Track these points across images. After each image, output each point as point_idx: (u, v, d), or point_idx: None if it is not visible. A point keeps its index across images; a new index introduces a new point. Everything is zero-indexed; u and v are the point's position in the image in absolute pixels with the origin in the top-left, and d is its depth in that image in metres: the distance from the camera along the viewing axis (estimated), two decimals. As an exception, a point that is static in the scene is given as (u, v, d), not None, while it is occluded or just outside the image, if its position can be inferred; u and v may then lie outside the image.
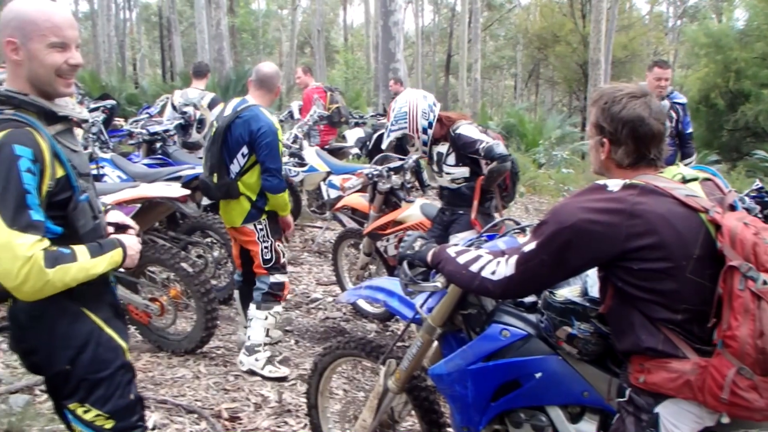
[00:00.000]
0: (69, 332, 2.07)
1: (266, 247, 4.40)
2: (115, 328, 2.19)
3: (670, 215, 1.84)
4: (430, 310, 2.55)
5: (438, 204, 4.88)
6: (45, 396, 3.84)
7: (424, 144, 4.55)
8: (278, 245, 4.44)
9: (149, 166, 6.09)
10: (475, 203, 4.42)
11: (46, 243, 1.88)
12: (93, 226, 2.12)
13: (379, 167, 5.28)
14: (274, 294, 4.45)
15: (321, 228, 8.16)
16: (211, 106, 7.25)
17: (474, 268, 2.11)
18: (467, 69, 25.82)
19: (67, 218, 2.02)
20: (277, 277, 4.45)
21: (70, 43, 2.01)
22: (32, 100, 1.97)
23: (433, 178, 5.25)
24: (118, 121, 8.67)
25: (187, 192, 4.67)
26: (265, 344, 4.49)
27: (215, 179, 4.33)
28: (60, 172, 1.97)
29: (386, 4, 13.08)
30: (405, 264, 2.42)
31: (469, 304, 2.45)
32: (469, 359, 2.37)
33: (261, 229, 4.38)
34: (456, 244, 2.44)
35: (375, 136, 10.78)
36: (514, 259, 2.02)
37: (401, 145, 11.01)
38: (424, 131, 4.49)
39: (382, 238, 5.22)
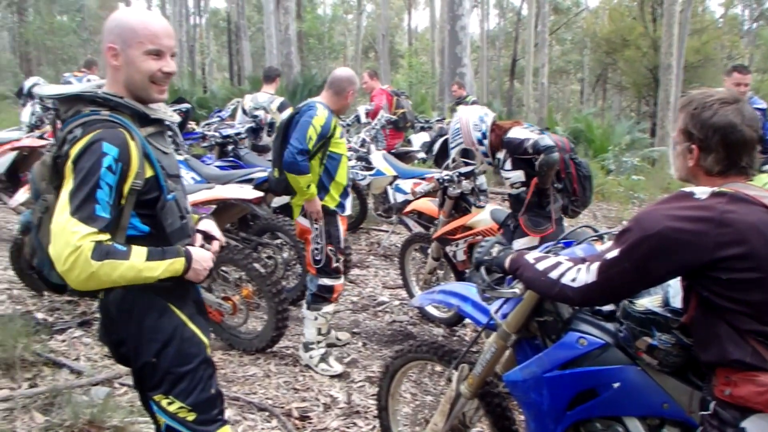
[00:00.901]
0: (156, 326, 2.14)
1: (317, 248, 4.48)
2: (198, 324, 2.26)
3: (761, 224, 1.79)
4: (504, 316, 2.55)
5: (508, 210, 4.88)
6: (124, 389, 3.98)
7: (484, 155, 4.72)
8: (330, 250, 4.48)
9: (221, 168, 6.23)
10: (525, 203, 4.45)
11: (102, 237, 1.92)
12: (180, 225, 2.19)
13: (450, 172, 5.28)
14: (323, 296, 4.54)
15: (387, 232, 8.19)
16: (281, 109, 7.38)
17: (553, 274, 2.10)
18: (533, 73, 25.57)
19: (155, 217, 2.11)
20: (324, 281, 4.52)
21: (166, 52, 2.11)
22: (127, 103, 2.08)
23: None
24: (191, 124, 8.89)
25: (260, 194, 4.77)
26: (319, 342, 4.59)
27: (276, 174, 4.47)
28: (149, 173, 2.06)
29: (453, 9, 13.06)
30: (482, 269, 2.42)
31: (545, 311, 2.43)
32: (545, 367, 2.35)
33: (316, 228, 4.46)
34: (530, 250, 2.43)
35: (440, 140, 10.77)
36: (595, 266, 2.00)
37: (466, 149, 11.01)
38: (480, 142, 4.69)
39: (451, 243, 5.21)
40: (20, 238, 2.18)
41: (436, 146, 10.70)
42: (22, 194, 5.45)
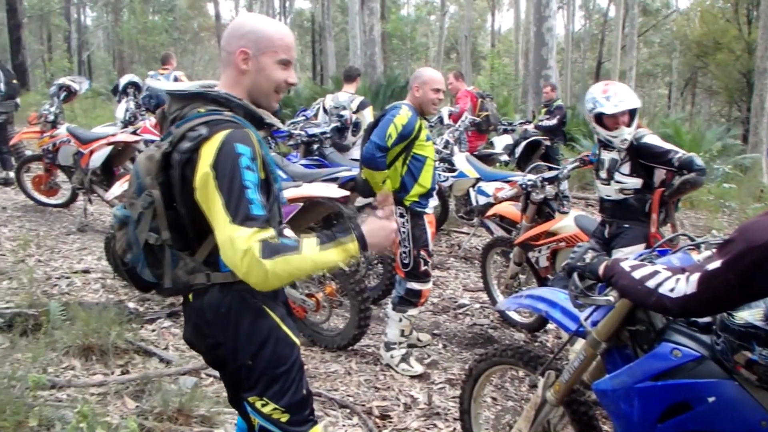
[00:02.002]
0: (252, 329, 2.13)
1: (405, 252, 4.49)
2: (288, 325, 2.25)
3: None
4: (595, 323, 2.50)
5: (593, 216, 4.77)
6: (210, 380, 4.10)
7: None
8: (418, 253, 4.47)
9: (306, 166, 6.32)
10: (654, 216, 4.28)
11: (267, 234, 1.90)
12: (278, 230, 2.18)
13: (534, 177, 5.23)
14: (410, 300, 4.54)
15: (468, 234, 8.16)
16: (360, 108, 7.44)
17: (650, 283, 2.05)
18: (620, 76, 24.98)
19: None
20: (412, 284, 4.52)
21: (292, 63, 2.17)
22: (246, 105, 2.11)
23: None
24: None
25: (347, 193, 4.83)
26: (400, 343, 4.61)
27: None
28: (263, 174, 2.05)
29: (540, 10, 12.91)
30: (575, 276, 2.39)
31: (637, 320, 2.38)
32: (637, 377, 2.30)
33: (404, 232, 4.48)
34: (628, 258, 2.38)
35: (524, 143, 10.68)
36: (695, 276, 1.94)
37: (549, 153, 10.87)
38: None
39: (533, 248, 5.16)
40: (112, 233, 2.18)
41: (519, 149, 10.64)
42: (118, 188, 5.69)
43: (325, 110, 7.75)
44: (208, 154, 1.95)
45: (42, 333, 4.16)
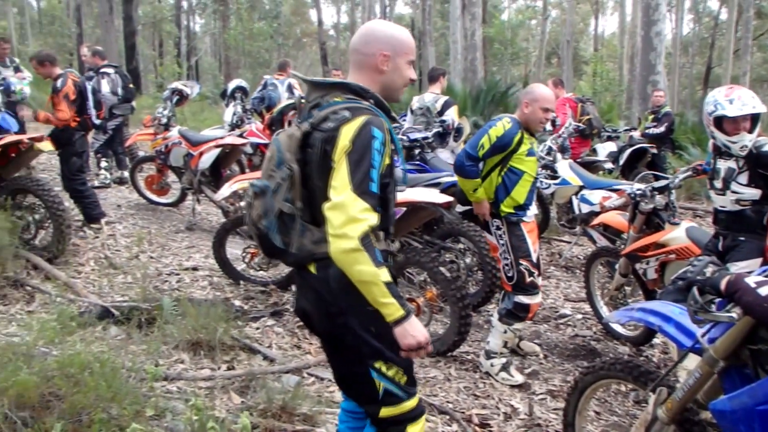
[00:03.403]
0: None
1: (507, 264, 4.45)
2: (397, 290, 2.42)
3: None
4: (712, 340, 2.40)
5: (705, 228, 4.58)
6: (312, 379, 4.17)
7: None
8: (522, 263, 4.41)
9: (408, 171, 6.34)
10: None
11: (373, 218, 2.14)
12: (392, 211, 2.45)
13: (643, 186, 5.07)
14: (517, 314, 4.48)
15: (569, 243, 8.00)
16: (445, 108, 7.40)
17: (778, 301, 1.96)
18: (731, 82, 23.95)
19: (384, 200, 2.32)
20: (520, 299, 4.45)
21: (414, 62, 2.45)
22: (378, 97, 2.38)
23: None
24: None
25: (451, 199, 4.81)
26: (502, 352, 4.56)
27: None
28: (387, 161, 2.27)
29: (648, 14, 12.53)
30: (695, 290, 2.31)
31: (760, 338, 2.27)
32: (758, 399, 2.19)
33: (502, 244, 4.46)
34: (752, 273, 2.27)
35: (629, 150, 10.38)
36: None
37: (655, 162, 10.52)
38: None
39: (641, 260, 5.00)
40: (249, 202, 2.38)
41: (624, 156, 10.34)
42: (227, 188, 5.85)
43: (411, 111, 7.78)
44: (348, 132, 2.20)
45: (156, 327, 4.34)
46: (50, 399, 2.97)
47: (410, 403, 2.39)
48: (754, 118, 4.06)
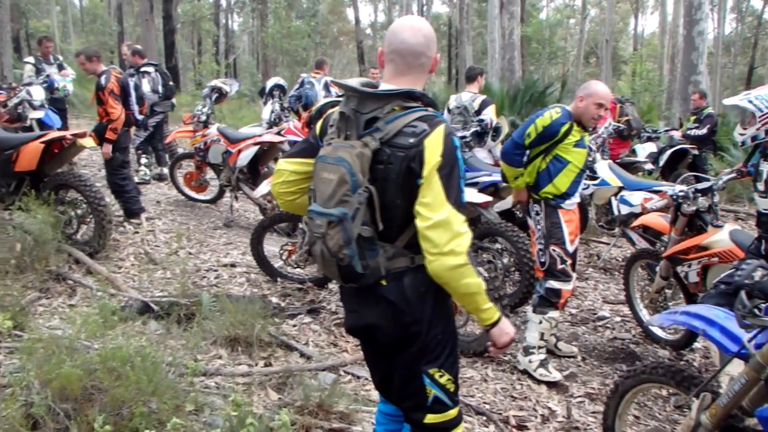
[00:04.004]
0: (444, 304, 2.33)
1: (541, 249, 4.52)
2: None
3: None
4: (759, 346, 2.35)
5: (751, 231, 4.48)
6: (348, 377, 4.18)
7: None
8: (554, 249, 4.44)
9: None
10: None
11: (470, 234, 2.15)
12: None
13: (685, 187, 4.98)
14: (549, 300, 4.48)
15: (608, 244, 7.91)
16: (482, 107, 7.37)
17: (831, 307, 1.91)
18: (774, 83, 23.45)
19: None
20: (551, 284, 4.48)
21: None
22: (433, 101, 2.30)
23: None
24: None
25: (489, 198, 4.80)
26: (539, 348, 4.54)
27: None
28: None
29: (691, 13, 12.32)
30: (743, 294, 2.26)
31: (809, 345, 2.22)
32: (808, 407, 2.15)
33: (539, 228, 4.51)
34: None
35: (670, 151, 10.23)
36: None
37: (696, 163, 10.35)
38: None
39: (683, 263, 4.91)
40: (321, 233, 2.27)
41: (664, 157, 10.19)
42: (265, 186, 5.90)
43: (449, 110, 7.75)
44: (435, 146, 2.12)
45: (195, 323, 4.38)
46: (92, 392, 3.02)
47: (454, 412, 2.40)
48: None
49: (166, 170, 9.96)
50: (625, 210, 6.91)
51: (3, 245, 5.20)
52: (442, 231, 2.07)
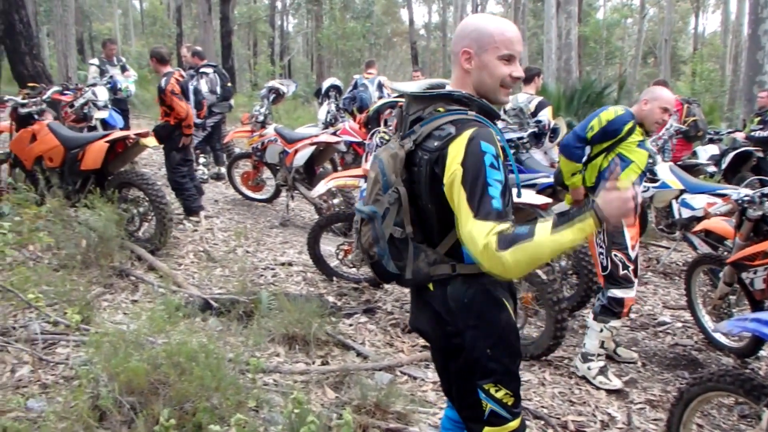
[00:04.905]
0: (493, 320, 2.21)
1: (601, 254, 4.40)
2: (516, 317, 2.33)
3: None
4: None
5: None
6: (405, 378, 4.18)
7: None
8: (616, 254, 4.33)
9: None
10: None
11: (503, 226, 1.94)
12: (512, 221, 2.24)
13: (751, 191, 4.84)
14: (612, 310, 4.38)
15: (668, 248, 7.74)
16: (539, 109, 7.28)
17: None
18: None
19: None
20: (614, 292, 4.36)
21: (516, 57, 2.18)
22: (483, 103, 2.18)
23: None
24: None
25: (549, 200, 4.74)
26: (599, 355, 4.46)
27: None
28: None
29: (756, 11, 11.97)
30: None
31: None
32: None
33: (599, 232, 4.37)
34: None
35: (732, 154, 9.96)
36: None
37: (761, 166, 10.05)
38: None
39: (748, 269, 4.77)
40: (357, 228, 2.31)
41: (727, 160, 9.92)
42: (323, 186, 5.95)
43: (504, 111, 7.69)
44: (457, 151, 2.03)
45: (254, 320, 4.44)
46: (157, 386, 3.08)
47: (515, 423, 2.31)
48: None
49: (223, 170, 10.12)
50: (686, 213, 6.75)
51: (69, 241, 5.35)
52: (472, 247, 1.98)
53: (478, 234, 1.94)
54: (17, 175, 6.67)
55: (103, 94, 9.22)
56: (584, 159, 4.50)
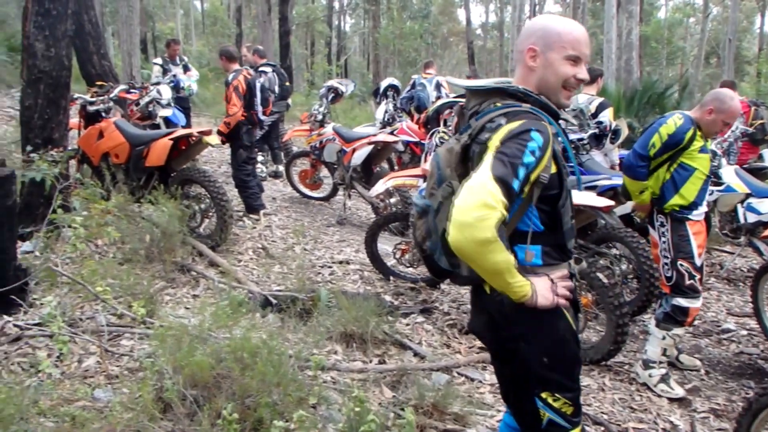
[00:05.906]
0: (551, 328, 2.15)
1: (666, 263, 4.29)
2: (576, 324, 2.26)
3: None
4: None
5: None
6: (462, 379, 4.16)
7: None
8: (682, 264, 4.22)
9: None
10: None
11: (505, 213, 1.89)
12: (570, 225, 2.20)
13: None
14: (675, 318, 4.27)
15: (732, 254, 7.54)
16: (600, 110, 7.15)
17: None
18: None
19: (553, 215, 2.13)
20: (679, 301, 4.25)
21: (583, 59, 2.14)
22: (543, 100, 2.13)
23: None
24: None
25: (612, 203, 4.66)
26: (660, 362, 4.37)
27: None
28: (554, 169, 2.07)
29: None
30: None
31: None
32: None
33: (664, 241, 4.29)
34: None
35: (801, 158, 9.64)
36: None
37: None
38: None
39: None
40: (412, 221, 2.30)
41: (794, 165, 9.61)
42: (382, 185, 5.96)
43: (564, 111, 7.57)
44: (500, 135, 2.00)
45: (313, 317, 4.48)
46: (220, 380, 3.14)
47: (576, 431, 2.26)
48: None
49: (281, 168, 10.23)
50: (752, 218, 6.57)
51: (134, 236, 5.48)
52: (469, 193, 1.89)
53: (490, 191, 1.87)
54: (84, 171, 6.85)
55: (166, 93, 9.41)
56: None
